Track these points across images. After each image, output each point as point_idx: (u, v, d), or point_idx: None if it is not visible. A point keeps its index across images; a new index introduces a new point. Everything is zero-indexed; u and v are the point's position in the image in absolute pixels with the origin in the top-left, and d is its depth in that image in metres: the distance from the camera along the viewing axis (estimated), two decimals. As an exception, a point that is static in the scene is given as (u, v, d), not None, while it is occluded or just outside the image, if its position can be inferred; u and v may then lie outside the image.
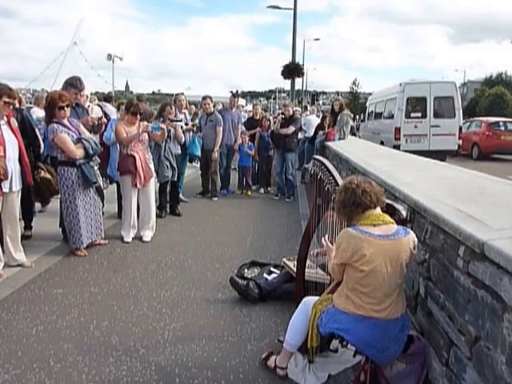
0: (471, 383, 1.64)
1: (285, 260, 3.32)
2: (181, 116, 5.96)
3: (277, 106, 36.94)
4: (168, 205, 5.73)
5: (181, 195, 6.21)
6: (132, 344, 2.54)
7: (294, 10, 15.34)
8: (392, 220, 1.95)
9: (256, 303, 3.08)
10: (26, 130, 3.83)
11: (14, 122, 3.57)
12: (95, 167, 4.01)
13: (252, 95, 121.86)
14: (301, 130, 7.76)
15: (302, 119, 8.71)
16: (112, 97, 10.41)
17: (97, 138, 4.52)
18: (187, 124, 6.13)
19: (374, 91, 15.81)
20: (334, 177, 2.43)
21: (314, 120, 8.98)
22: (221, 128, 6.58)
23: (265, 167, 7.56)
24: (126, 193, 4.50)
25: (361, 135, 12.78)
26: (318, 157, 2.69)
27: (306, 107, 13.71)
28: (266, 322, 2.84)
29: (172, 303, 3.09)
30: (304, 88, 35.83)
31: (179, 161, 5.76)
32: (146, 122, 4.58)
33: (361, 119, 20.03)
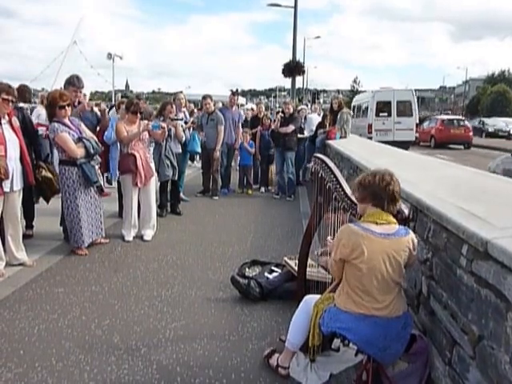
0: (474, 382, 1.64)
1: (286, 259, 3.31)
2: (180, 115, 5.95)
3: (277, 105, 36.85)
4: (169, 204, 5.73)
5: (181, 194, 6.21)
6: (133, 343, 2.54)
7: (295, 8, 15.32)
8: (395, 220, 1.94)
9: (257, 302, 3.08)
10: (26, 129, 3.83)
11: (16, 121, 3.56)
12: (96, 166, 4.01)
13: (252, 94, 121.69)
14: (301, 128, 7.72)
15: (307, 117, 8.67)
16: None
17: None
18: (186, 123, 6.11)
19: (368, 90, 18.06)
20: (335, 175, 2.41)
21: (315, 119, 8.94)
22: (222, 127, 6.57)
23: (265, 166, 7.55)
24: (126, 192, 4.50)
25: None
26: (319, 155, 2.68)
27: (307, 105, 13.69)
28: (267, 321, 2.84)
29: (173, 302, 3.09)
30: (304, 86, 35.78)
31: (180, 160, 5.76)
32: (146, 121, 4.58)
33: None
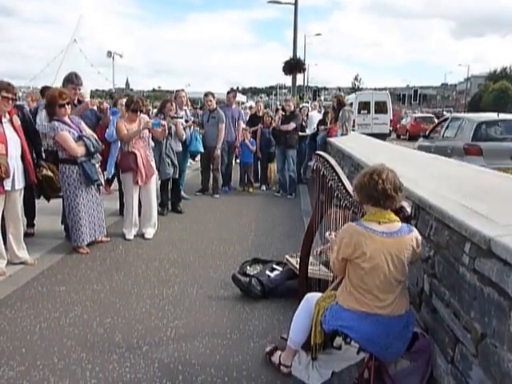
0: (477, 381, 1.63)
1: (287, 257, 3.31)
2: (181, 113, 5.93)
3: (278, 103, 36.82)
4: (169, 202, 5.72)
5: (182, 192, 6.20)
6: (135, 341, 2.54)
7: (295, 5, 15.26)
8: (397, 218, 1.93)
9: (258, 300, 3.07)
10: (27, 128, 3.81)
11: (17, 120, 3.55)
12: (96, 165, 4.00)
13: (253, 91, 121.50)
14: (302, 126, 7.70)
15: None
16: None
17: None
18: (187, 121, 6.09)
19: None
20: (337, 173, 2.40)
21: (315, 116, 8.92)
22: (223, 125, 6.55)
23: (266, 164, 7.54)
24: (127, 190, 4.49)
25: None
26: (321, 152, 2.67)
27: (308, 103, 13.66)
28: (268, 319, 2.84)
29: (174, 300, 3.09)
30: (305, 84, 35.71)
31: (180, 158, 5.74)
32: (146, 117, 4.56)
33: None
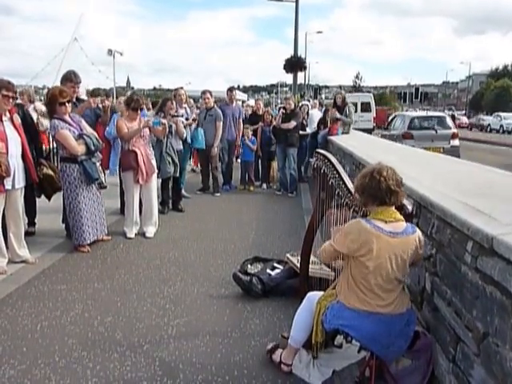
0: (479, 380, 1.63)
1: (288, 255, 3.30)
2: (181, 111, 5.91)
3: (279, 101, 36.80)
4: (170, 201, 5.71)
5: (183, 191, 6.19)
6: (136, 340, 2.54)
7: (296, 2, 15.21)
8: (402, 217, 1.93)
9: (259, 299, 3.07)
10: (27, 127, 3.81)
11: (17, 119, 3.54)
12: (97, 163, 3.99)
13: (254, 90, 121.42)
14: (303, 125, 7.68)
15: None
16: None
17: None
18: (187, 119, 6.06)
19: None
20: (337, 171, 2.39)
21: (316, 114, 8.90)
22: (221, 123, 6.52)
23: (266, 162, 7.52)
24: (128, 189, 4.49)
25: None
26: (321, 150, 2.66)
27: (309, 101, 13.61)
28: (269, 318, 2.83)
29: (175, 299, 3.08)
30: (306, 82, 35.66)
31: (181, 157, 5.73)
32: (147, 118, 4.55)
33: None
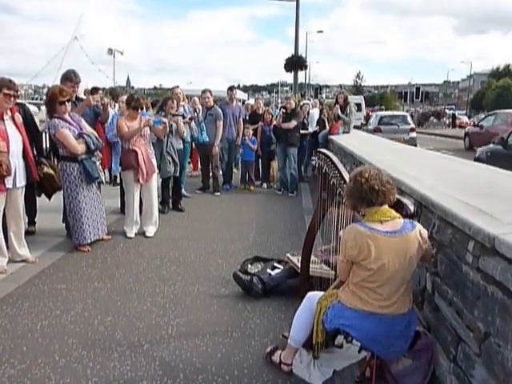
0: (480, 380, 1.62)
1: (288, 255, 3.29)
2: (180, 109, 5.87)
3: (279, 100, 36.78)
4: (170, 200, 5.70)
5: (183, 190, 6.18)
6: (136, 339, 2.53)
7: (297, 1, 15.18)
8: (398, 214, 1.92)
9: (259, 298, 3.06)
10: (28, 125, 3.80)
11: (19, 118, 3.53)
12: (97, 162, 3.98)
13: (254, 89, 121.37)
14: (304, 124, 7.67)
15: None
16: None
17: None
18: (185, 117, 5.97)
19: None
20: (339, 170, 2.38)
21: (316, 114, 8.89)
22: (221, 122, 6.51)
23: (266, 162, 7.52)
24: (128, 188, 4.48)
25: None
26: (323, 150, 2.65)
27: (309, 100, 13.60)
28: (269, 318, 2.83)
29: (175, 298, 3.08)
30: (307, 81, 35.64)
31: (181, 156, 5.72)
32: (147, 117, 4.54)
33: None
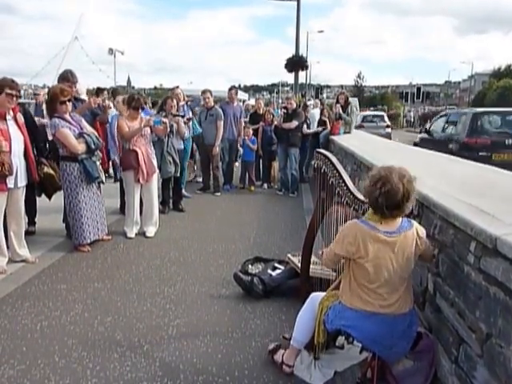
0: (482, 381, 1.61)
1: (289, 256, 3.29)
2: (180, 109, 5.84)
3: (280, 100, 36.77)
4: (171, 200, 5.70)
5: (183, 191, 6.18)
6: (136, 340, 2.52)
7: (298, 1, 15.15)
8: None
9: (260, 299, 3.05)
10: (28, 125, 3.79)
11: (21, 118, 3.53)
12: (97, 162, 3.97)
13: (255, 89, 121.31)
14: (306, 123, 7.64)
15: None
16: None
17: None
18: (183, 116, 5.93)
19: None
20: (338, 170, 2.39)
21: (317, 114, 8.88)
22: (221, 122, 6.50)
23: (267, 162, 7.51)
24: (128, 188, 4.47)
25: None
26: (321, 150, 2.65)
27: (309, 100, 13.56)
28: (270, 318, 2.82)
29: (176, 299, 3.07)
30: (308, 82, 35.61)
31: (182, 156, 5.71)
32: (147, 116, 4.53)
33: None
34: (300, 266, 2.82)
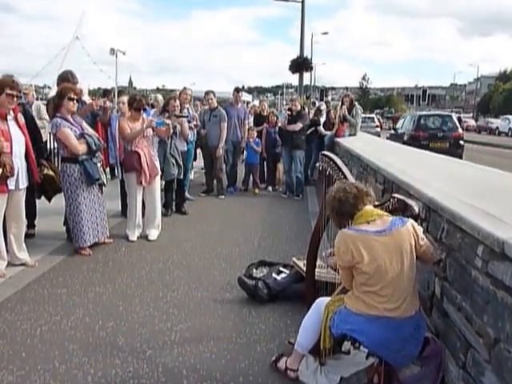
0: (491, 388, 1.57)
1: (294, 259, 3.25)
2: (184, 111, 5.84)
3: (284, 102, 36.73)
4: (173, 203, 5.67)
5: (186, 193, 6.15)
6: (138, 345, 2.49)
7: (302, 2, 15.12)
8: (386, 213, 1.91)
9: (265, 304, 3.01)
10: (28, 126, 3.77)
11: (21, 118, 3.51)
12: (98, 164, 3.95)
13: (259, 91, 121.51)
14: (312, 125, 7.59)
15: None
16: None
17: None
18: (190, 121, 5.90)
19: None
20: (343, 172, 2.37)
21: (322, 116, 8.84)
22: (225, 124, 6.46)
23: (272, 165, 7.47)
24: (130, 190, 4.45)
25: None
26: (326, 152, 2.63)
27: (314, 103, 13.47)
28: (275, 323, 2.78)
29: (179, 303, 3.04)
30: (312, 83, 35.52)
31: (185, 158, 5.69)
32: (149, 117, 4.51)
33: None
34: (305, 269, 2.78)
